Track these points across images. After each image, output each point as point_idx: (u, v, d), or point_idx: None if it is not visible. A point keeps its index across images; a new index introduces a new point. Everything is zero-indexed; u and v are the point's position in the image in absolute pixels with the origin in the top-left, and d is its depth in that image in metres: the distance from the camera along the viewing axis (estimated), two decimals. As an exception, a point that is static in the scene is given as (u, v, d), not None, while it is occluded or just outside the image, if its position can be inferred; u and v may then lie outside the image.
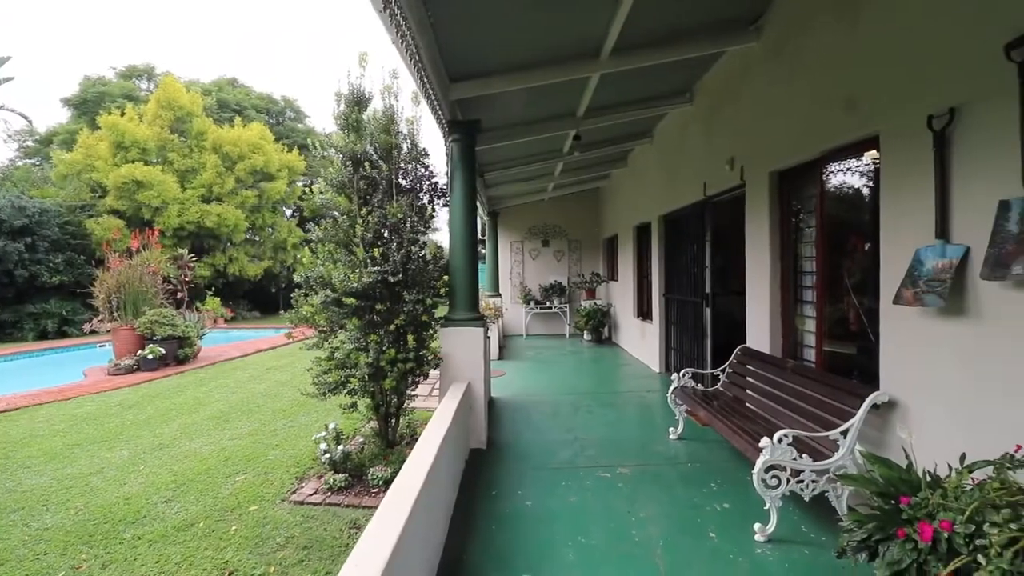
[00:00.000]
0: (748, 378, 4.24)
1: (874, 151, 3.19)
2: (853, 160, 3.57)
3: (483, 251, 12.50)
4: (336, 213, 4.35)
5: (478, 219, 12.34)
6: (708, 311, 5.99)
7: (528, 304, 11.96)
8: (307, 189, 21.82)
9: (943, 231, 2.57)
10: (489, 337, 6.50)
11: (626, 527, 3.05)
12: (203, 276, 17.77)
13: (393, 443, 4.41)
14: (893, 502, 2.16)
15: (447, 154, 4.86)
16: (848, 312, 3.71)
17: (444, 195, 4.76)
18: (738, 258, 4.93)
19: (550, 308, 11.95)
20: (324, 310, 4.13)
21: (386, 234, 4.36)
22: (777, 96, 4.22)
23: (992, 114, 2.34)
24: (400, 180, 4.50)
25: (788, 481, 2.81)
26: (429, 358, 4.25)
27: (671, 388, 4.54)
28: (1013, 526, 1.72)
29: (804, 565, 2.62)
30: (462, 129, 4.77)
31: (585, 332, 10.93)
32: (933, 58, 2.66)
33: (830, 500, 2.88)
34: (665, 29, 4.35)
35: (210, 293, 17.04)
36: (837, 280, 3.77)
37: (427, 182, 4.70)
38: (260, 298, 22.51)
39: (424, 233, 4.60)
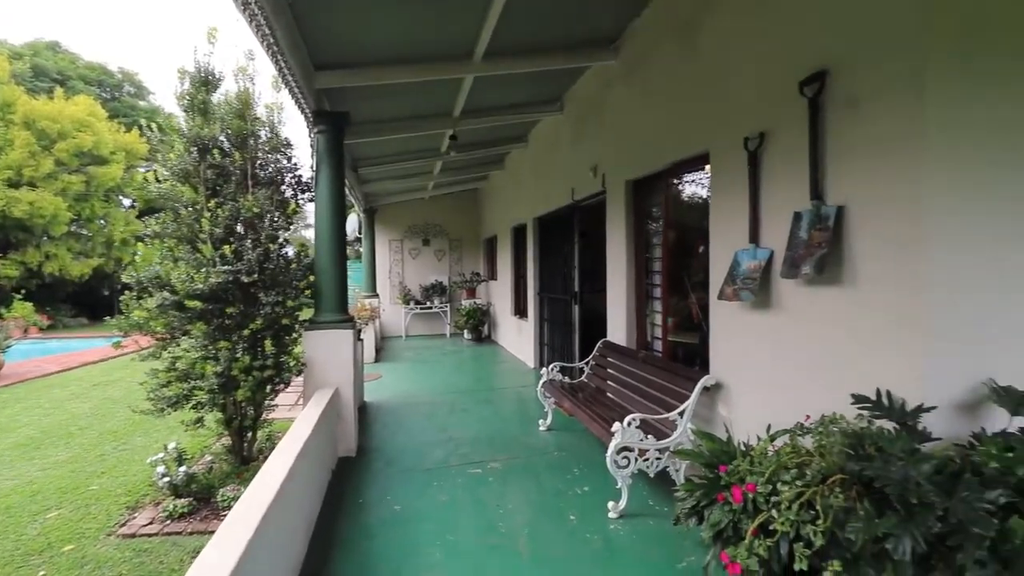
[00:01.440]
0: (609, 369, 4.59)
1: (709, 165, 3.64)
2: (694, 173, 4.04)
3: (360, 249, 11.99)
4: (179, 205, 3.87)
5: (355, 216, 11.85)
6: (577, 308, 6.36)
7: (408, 304, 11.72)
8: (144, 178, 19.10)
9: (754, 237, 3.01)
10: (362, 339, 6.26)
11: (494, 520, 3.12)
12: (9, 276, 14.73)
13: (250, 459, 4.04)
14: (715, 471, 2.48)
15: (312, 145, 4.57)
16: (690, 307, 4.19)
17: (309, 189, 4.49)
18: (603, 258, 5.31)
19: (430, 308, 11.83)
20: (162, 315, 3.64)
21: (240, 229, 3.99)
22: (632, 111, 4.63)
23: (790, 139, 2.79)
24: (257, 171, 4.16)
25: (636, 460, 3.10)
26: (291, 364, 3.96)
27: (540, 382, 4.76)
28: (799, 483, 2.07)
29: (649, 535, 2.90)
30: (329, 120, 4.52)
31: (465, 331, 11.00)
32: (749, 89, 3.11)
33: (671, 474, 3.23)
34: (533, 39, 4.54)
35: (19, 296, 14.12)
36: (680, 279, 4.24)
37: (290, 175, 4.40)
38: (88, 302, 19.24)
39: (286, 229, 4.30)
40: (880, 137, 2.28)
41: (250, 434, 4.05)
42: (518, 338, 8.97)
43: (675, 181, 4.29)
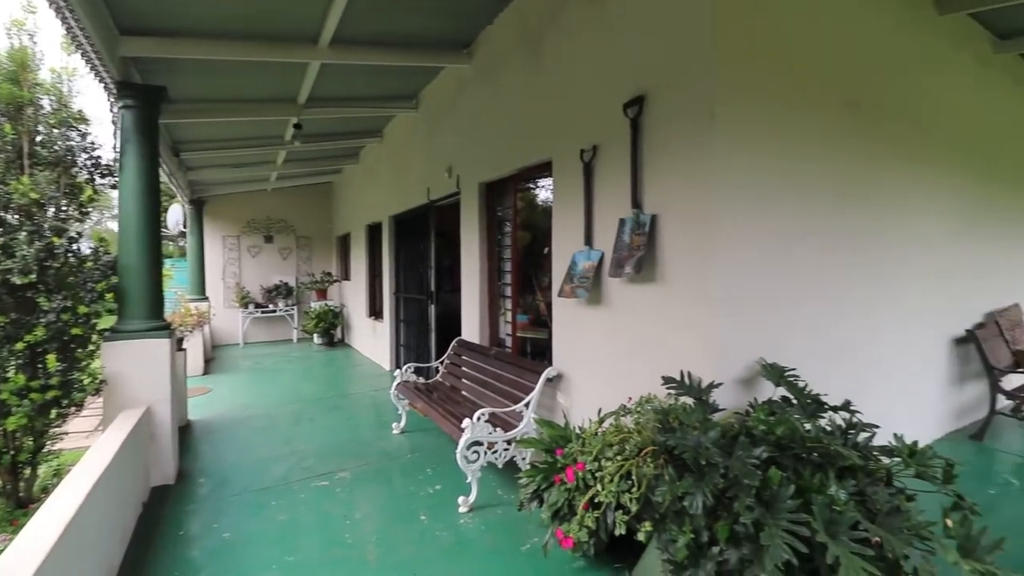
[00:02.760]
0: (463, 367, 4.67)
1: (552, 172, 3.90)
2: (540, 178, 4.30)
3: (185, 245, 10.50)
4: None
5: (180, 208, 10.31)
6: (433, 308, 6.36)
7: (246, 308, 10.57)
8: None
9: (589, 239, 3.32)
10: (185, 349, 5.51)
11: (340, 532, 2.98)
12: None
13: (29, 501, 3.30)
14: (554, 455, 2.68)
15: (114, 122, 3.88)
16: (538, 304, 4.46)
17: (111, 173, 3.81)
18: (459, 258, 5.38)
19: (274, 311, 10.83)
20: None
21: (11, 219, 3.25)
22: (484, 115, 4.77)
23: (617, 153, 3.12)
24: (39, 148, 3.45)
25: (486, 454, 3.21)
26: (85, 382, 3.32)
27: (394, 384, 4.66)
28: (619, 458, 2.34)
29: (498, 524, 3.02)
30: (139, 95, 3.87)
31: (315, 335, 10.30)
32: (585, 104, 3.41)
33: (518, 463, 3.40)
34: (385, 33, 4.41)
35: None
36: (528, 278, 4.48)
37: (85, 155, 3.70)
38: None
39: (80, 220, 3.62)
40: (683, 156, 2.68)
41: (28, 471, 3.31)
42: (373, 340, 8.67)
43: (526, 185, 4.52)
